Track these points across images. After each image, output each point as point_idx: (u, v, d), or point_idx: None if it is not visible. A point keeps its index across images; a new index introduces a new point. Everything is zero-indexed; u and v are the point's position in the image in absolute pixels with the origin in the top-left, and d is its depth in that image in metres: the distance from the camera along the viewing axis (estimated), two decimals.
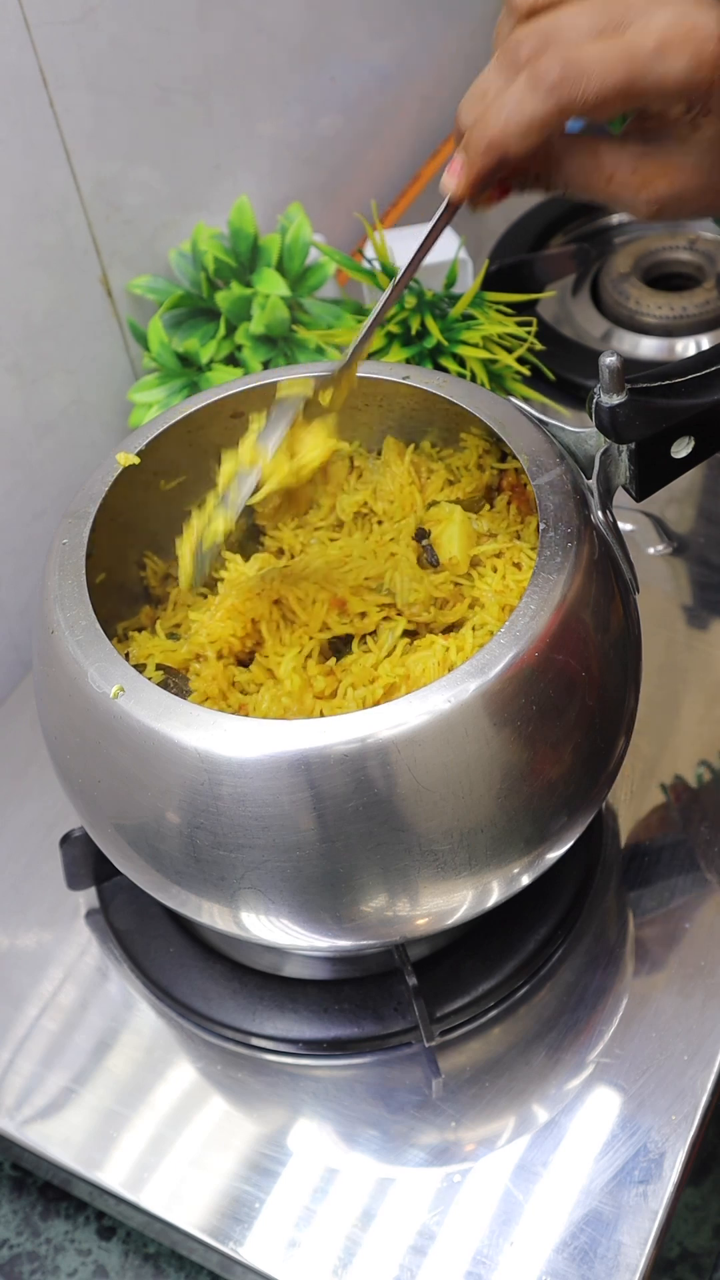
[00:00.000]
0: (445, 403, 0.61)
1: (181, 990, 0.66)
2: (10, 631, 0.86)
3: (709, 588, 0.81)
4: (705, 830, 0.69)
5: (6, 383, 0.81)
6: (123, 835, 0.55)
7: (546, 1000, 0.64)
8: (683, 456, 0.57)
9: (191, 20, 0.87)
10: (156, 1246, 0.67)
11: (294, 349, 0.88)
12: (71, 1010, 0.67)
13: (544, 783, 0.53)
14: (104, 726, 0.52)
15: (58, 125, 0.79)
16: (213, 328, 0.88)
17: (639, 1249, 0.56)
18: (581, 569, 0.53)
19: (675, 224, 1.06)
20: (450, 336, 0.83)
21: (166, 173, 0.89)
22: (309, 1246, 0.58)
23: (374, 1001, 0.64)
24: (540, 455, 0.57)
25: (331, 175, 1.08)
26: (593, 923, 0.66)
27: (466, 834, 0.51)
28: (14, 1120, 0.64)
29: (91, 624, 0.54)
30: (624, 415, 0.54)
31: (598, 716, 0.54)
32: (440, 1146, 0.60)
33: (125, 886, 0.68)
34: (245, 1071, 0.64)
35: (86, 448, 0.89)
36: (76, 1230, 0.68)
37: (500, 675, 0.50)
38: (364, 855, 0.51)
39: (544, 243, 1.05)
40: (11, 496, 0.84)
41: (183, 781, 0.50)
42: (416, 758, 0.49)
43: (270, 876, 0.51)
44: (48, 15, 0.75)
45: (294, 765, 0.49)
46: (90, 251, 0.85)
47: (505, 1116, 0.61)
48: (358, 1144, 0.61)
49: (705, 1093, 0.60)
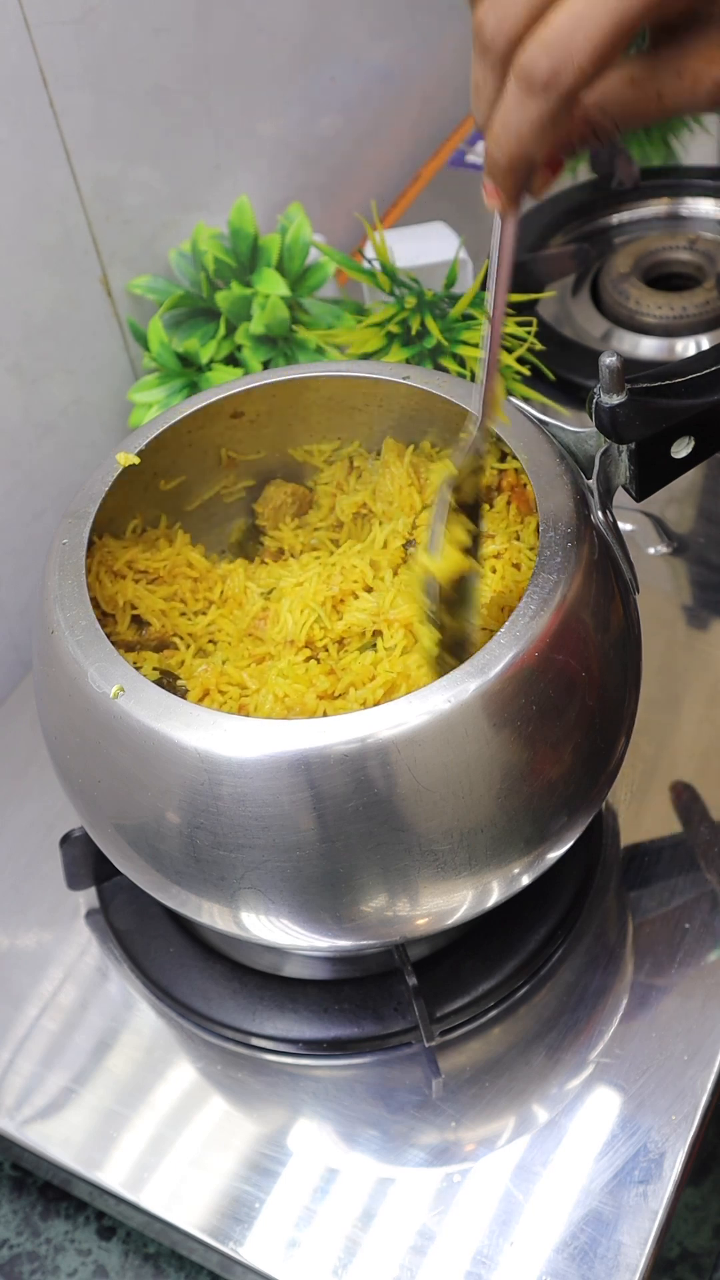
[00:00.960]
0: (445, 403, 0.61)
1: (181, 990, 0.66)
2: (10, 631, 0.86)
3: (709, 588, 0.81)
4: (705, 830, 0.69)
5: (6, 383, 0.81)
6: (123, 835, 0.55)
7: (546, 1000, 0.64)
8: (683, 456, 0.57)
9: (191, 20, 0.87)
10: (156, 1246, 0.67)
11: (294, 349, 0.88)
12: (71, 1010, 0.67)
13: (544, 782, 0.53)
14: (104, 726, 0.52)
15: (58, 125, 0.79)
16: (213, 328, 0.88)
17: (639, 1249, 0.56)
18: (581, 569, 0.53)
19: (675, 224, 1.06)
20: (450, 336, 0.83)
21: (166, 173, 0.89)
22: (309, 1246, 0.58)
23: (374, 1001, 0.64)
24: (540, 455, 0.57)
25: (331, 175, 1.08)
26: (593, 923, 0.66)
27: (467, 834, 0.51)
28: (14, 1120, 0.64)
29: (91, 624, 0.54)
30: (624, 415, 0.54)
31: (598, 716, 0.54)
32: (440, 1146, 0.60)
33: (125, 886, 0.68)
34: (245, 1071, 0.64)
35: (86, 448, 0.89)
36: (76, 1230, 0.68)
37: (500, 675, 0.50)
38: (364, 855, 0.51)
39: (544, 243, 1.05)
40: (11, 496, 0.84)
41: (183, 781, 0.50)
42: (416, 758, 0.49)
43: (270, 876, 0.51)
44: (48, 15, 0.75)
45: (294, 765, 0.49)
46: (90, 251, 0.85)
47: (505, 1116, 0.61)
48: (358, 1144, 0.61)
49: (705, 1093, 0.60)
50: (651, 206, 1.07)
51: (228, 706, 0.59)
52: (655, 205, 1.07)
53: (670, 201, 1.07)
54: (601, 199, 1.08)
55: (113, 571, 0.63)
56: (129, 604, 0.63)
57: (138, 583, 0.63)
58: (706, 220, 1.06)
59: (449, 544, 0.56)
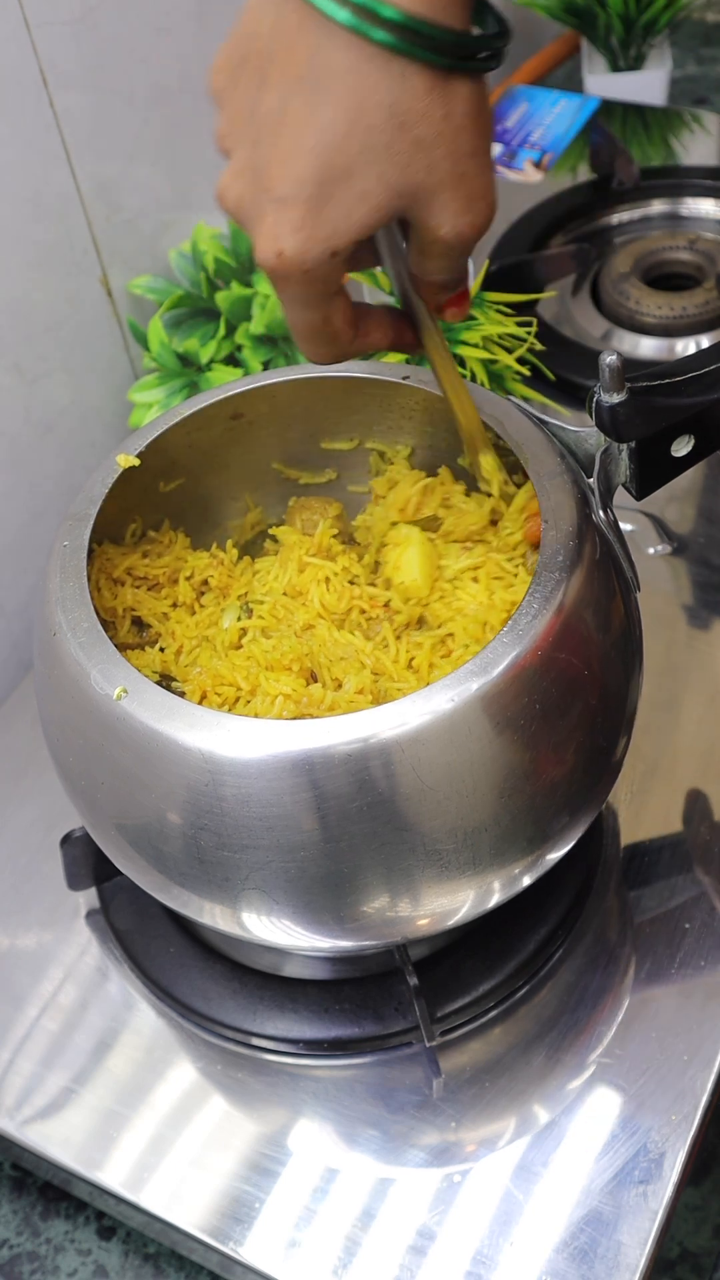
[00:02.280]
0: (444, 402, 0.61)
1: (181, 990, 0.66)
2: (10, 631, 0.86)
3: (709, 588, 0.81)
4: (705, 830, 0.69)
5: (6, 383, 0.81)
6: (125, 836, 0.55)
7: (547, 1000, 0.64)
8: (683, 455, 0.57)
9: (191, 20, 0.87)
10: (156, 1246, 0.67)
11: (294, 349, 0.88)
12: (71, 1010, 0.67)
13: (547, 781, 0.53)
14: (106, 728, 0.52)
15: (58, 125, 0.79)
16: (213, 328, 0.88)
17: (639, 1249, 0.56)
18: (583, 567, 0.53)
19: (675, 224, 1.07)
20: (450, 337, 0.83)
21: (166, 173, 0.89)
22: (309, 1246, 0.58)
23: (374, 1001, 0.64)
24: (540, 454, 0.57)
25: None
26: (593, 923, 0.66)
27: (471, 833, 0.51)
28: (14, 1120, 0.64)
29: (93, 626, 0.54)
30: (624, 414, 0.54)
31: (600, 715, 0.54)
32: (440, 1146, 0.60)
33: (125, 886, 0.68)
34: (245, 1071, 0.64)
35: (86, 448, 0.89)
36: (76, 1230, 0.68)
37: (503, 674, 0.50)
38: (368, 855, 0.51)
39: (544, 243, 1.05)
40: (11, 496, 0.84)
41: (186, 782, 0.50)
42: (421, 757, 0.49)
43: (275, 877, 0.51)
44: (48, 15, 0.75)
45: (297, 765, 0.49)
46: (90, 251, 0.85)
47: (505, 1116, 0.61)
48: (358, 1144, 0.61)
49: (705, 1093, 0.60)
50: (651, 206, 1.07)
51: (225, 702, 0.58)
52: (655, 205, 1.07)
53: (670, 201, 1.07)
54: (601, 199, 1.08)
55: (112, 579, 0.63)
56: (129, 610, 0.63)
57: (138, 588, 0.63)
58: (706, 220, 1.06)
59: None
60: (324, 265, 0.46)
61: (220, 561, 0.65)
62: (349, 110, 0.43)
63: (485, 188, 0.46)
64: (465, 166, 0.45)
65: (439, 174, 0.45)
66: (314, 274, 0.46)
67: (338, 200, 0.44)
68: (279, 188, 0.45)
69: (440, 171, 0.45)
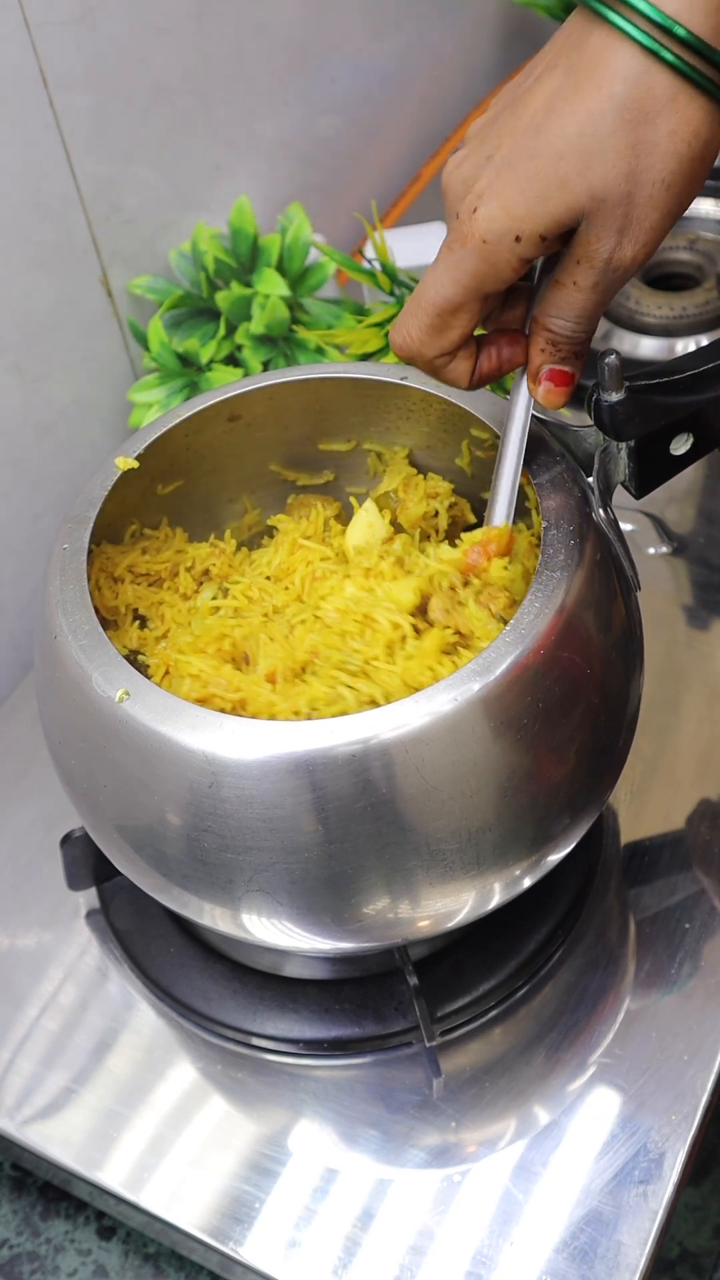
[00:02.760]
0: (443, 403, 0.61)
1: (181, 990, 0.66)
2: (10, 631, 0.86)
3: (709, 588, 0.81)
4: (705, 830, 0.69)
5: (6, 383, 0.81)
6: (126, 839, 0.55)
7: (547, 1000, 0.64)
8: (681, 453, 0.57)
9: (191, 20, 0.87)
10: (156, 1246, 0.67)
11: (294, 349, 0.88)
12: (71, 1010, 0.67)
13: (549, 780, 0.53)
14: (108, 730, 0.52)
15: (58, 125, 0.79)
16: (213, 328, 0.88)
17: (639, 1249, 0.56)
18: (584, 567, 0.53)
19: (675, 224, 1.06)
20: None
21: (166, 173, 0.89)
22: (309, 1246, 0.58)
23: (375, 1001, 0.64)
24: (540, 453, 0.57)
25: (331, 175, 1.08)
26: (593, 923, 0.66)
27: (474, 834, 0.51)
28: (14, 1120, 0.64)
29: (94, 628, 0.54)
30: (623, 413, 0.54)
31: (602, 715, 0.54)
32: (440, 1147, 0.60)
33: (125, 887, 0.68)
34: (245, 1071, 0.64)
35: (86, 448, 0.89)
36: (76, 1230, 0.68)
37: (505, 674, 0.50)
38: (371, 856, 0.50)
39: None
40: (11, 496, 0.84)
41: (188, 784, 0.50)
42: (423, 757, 0.49)
43: (278, 878, 0.51)
44: (48, 15, 0.75)
45: (299, 766, 0.49)
46: (90, 251, 0.85)
47: (505, 1117, 0.61)
48: (358, 1144, 0.61)
49: (705, 1093, 0.60)
50: None
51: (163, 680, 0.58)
52: None
53: None
54: None
55: (113, 577, 0.63)
56: (130, 607, 0.63)
57: (138, 585, 0.63)
58: (706, 220, 1.06)
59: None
60: (503, 243, 0.47)
61: (221, 551, 0.65)
62: (607, 100, 0.44)
63: (662, 228, 0.47)
64: (662, 198, 0.46)
65: (643, 190, 0.45)
66: (490, 248, 0.47)
67: (545, 177, 0.45)
68: (505, 153, 0.46)
69: (645, 188, 0.45)
